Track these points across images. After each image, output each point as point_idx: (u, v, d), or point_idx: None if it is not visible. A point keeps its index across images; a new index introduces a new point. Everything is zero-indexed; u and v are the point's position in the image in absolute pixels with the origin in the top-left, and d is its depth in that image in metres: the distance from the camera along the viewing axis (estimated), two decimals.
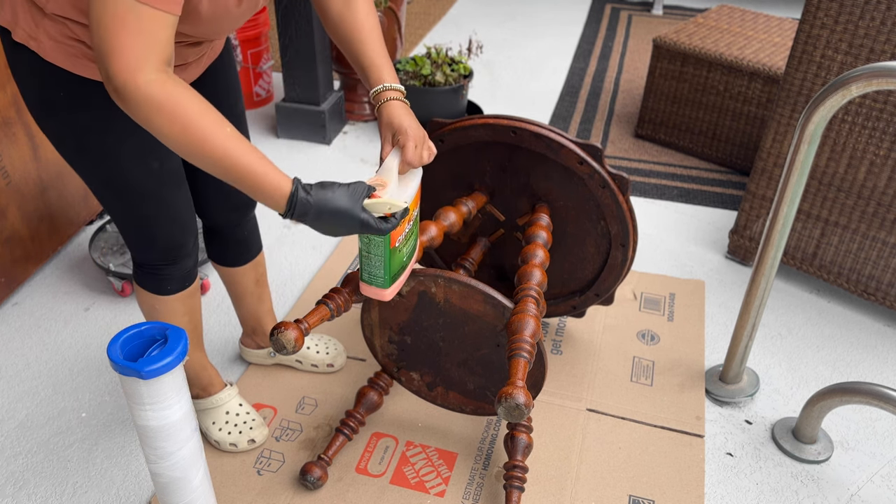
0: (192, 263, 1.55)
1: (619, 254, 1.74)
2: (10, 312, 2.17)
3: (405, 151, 1.31)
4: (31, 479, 1.70)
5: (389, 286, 1.39)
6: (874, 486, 1.71)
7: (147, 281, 1.52)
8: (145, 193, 1.37)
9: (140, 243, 1.46)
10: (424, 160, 1.34)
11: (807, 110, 1.49)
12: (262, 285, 1.85)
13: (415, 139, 1.32)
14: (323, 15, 1.37)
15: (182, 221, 1.46)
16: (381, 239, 1.31)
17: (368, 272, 1.38)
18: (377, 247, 1.32)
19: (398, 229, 1.32)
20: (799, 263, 2.26)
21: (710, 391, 1.92)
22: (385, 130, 1.34)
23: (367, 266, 1.37)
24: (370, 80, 1.35)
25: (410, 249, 1.44)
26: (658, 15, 4.57)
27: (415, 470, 1.72)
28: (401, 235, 1.35)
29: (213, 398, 1.75)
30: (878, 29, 1.84)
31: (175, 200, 1.42)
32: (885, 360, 2.06)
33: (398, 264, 1.39)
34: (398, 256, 1.38)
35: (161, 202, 1.40)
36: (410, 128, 1.32)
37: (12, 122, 2.07)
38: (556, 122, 3.30)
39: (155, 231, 1.43)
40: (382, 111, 1.34)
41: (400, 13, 3.06)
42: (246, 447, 1.73)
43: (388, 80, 1.34)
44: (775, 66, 2.69)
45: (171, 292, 1.53)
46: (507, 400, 1.23)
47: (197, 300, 1.62)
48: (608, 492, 1.67)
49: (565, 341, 2.08)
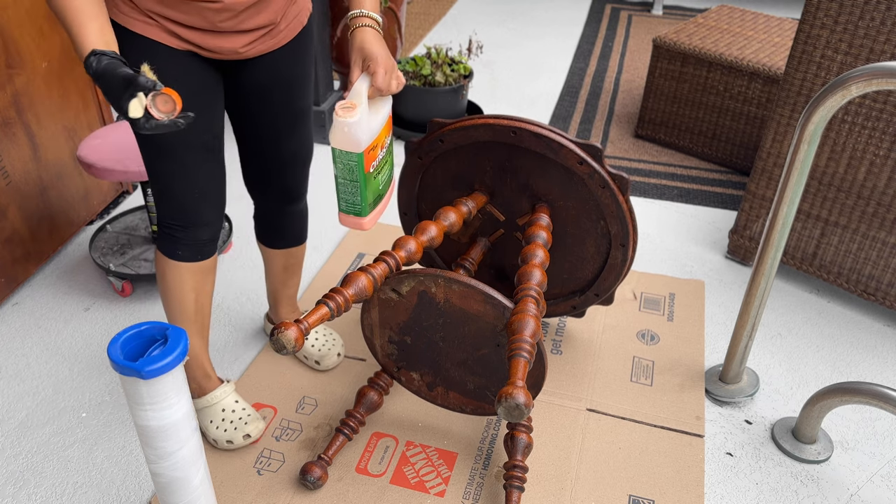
0: (208, 238, 1.57)
1: (619, 254, 1.74)
2: (10, 312, 2.17)
3: (375, 77, 1.36)
4: (31, 479, 1.70)
5: (368, 214, 1.44)
6: (874, 486, 1.71)
7: (162, 242, 1.56)
8: (166, 150, 1.43)
9: (158, 198, 1.51)
10: (393, 89, 1.39)
11: (807, 110, 1.49)
12: (290, 273, 1.90)
13: (385, 66, 1.37)
14: None
15: (201, 189, 1.50)
16: (356, 162, 1.36)
17: (346, 200, 1.44)
18: (352, 171, 1.37)
19: (372, 154, 1.39)
20: (799, 263, 2.26)
21: (710, 391, 1.92)
22: (356, 55, 1.38)
23: (343, 194, 1.43)
24: (351, 5, 1.42)
25: (386, 179, 1.48)
26: (658, 15, 4.57)
27: (415, 470, 1.72)
28: (374, 161, 1.40)
29: (209, 396, 1.75)
30: (878, 29, 1.84)
31: (196, 168, 1.47)
32: (885, 360, 2.06)
33: (374, 191, 1.44)
34: (374, 183, 1.43)
35: (182, 164, 1.45)
36: (381, 55, 1.37)
37: (12, 122, 2.07)
38: (556, 122, 3.30)
39: (172, 188, 1.48)
40: (355, 36, 1.39)
41: (400, 13, 3.06)
42: (242, 443, 1.73)
43: (367, 8, 1.40)
44: (775, 66, 2.69)
45: (180, 258, 1.56)
46: (507, 400, 1.23)
47: (208, 282, 1.63)
48: (608, 492, 1.67)
49: (565, 341, 2.08)
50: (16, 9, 2.02)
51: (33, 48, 2.09)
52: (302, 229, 1.84)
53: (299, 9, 1.50)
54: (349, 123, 1.33)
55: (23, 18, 2.04)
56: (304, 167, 1.70)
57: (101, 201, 2.56)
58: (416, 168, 1.80)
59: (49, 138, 2.22)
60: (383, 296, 1.57)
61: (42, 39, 2.12)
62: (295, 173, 1.69)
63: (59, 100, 2.23)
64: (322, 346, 1.96)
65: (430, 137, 1.72)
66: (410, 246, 1.51)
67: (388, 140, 1.47)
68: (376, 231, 2.52)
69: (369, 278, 1.41)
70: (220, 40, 1.38)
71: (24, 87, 2.09)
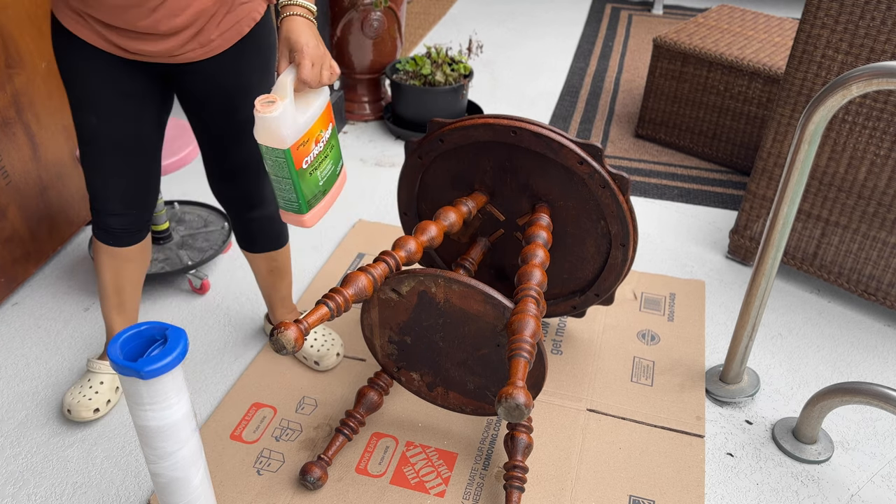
0: (119, 228, 1.62)
1: (619, 254, 1.74)
2: (10, 312, 2.17)
3: (300, 70, 1.29)
4: (31, 479, 1.70)
5: (307, 211, 1.38)
6: (874, 487, 1.71)
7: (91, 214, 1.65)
8: (82, 138, 1.51)
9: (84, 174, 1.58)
10: (324, 80, 1.31)
11: (807, 110, 1.49)
12: (276, 276, 1.89)
13: (312, 58, 1.29)
14: None
15: (103, 179, 1.55)
16: (283, 159, 1.31)
17: (282, 197, 1.40)
18: (281, 168, 1.33)
19: (304, 149, 1.32)
20: (799, 263, 2.26)
21: (711, 391, 1.92)
22: (282, 46, 1.32)
23: (279, 191, 1.39)
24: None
25: (328, 175, 1.42)
26: (658, 15, 4.57)
27: (415, 470, 1.71)
28: (307, 157, 1.34)
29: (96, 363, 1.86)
30: (879, 29, 1.84)
31: (104, 160, 1.51)
32: (886, 360, 2.05)
33: (312, 188, 1.38)
34: (310, 179, 1.37)
35: (93, 154, 1.51)
36: (308, 45, 1.29)
37: (12, 122, 2.07)
38: (556, 122, 3.30)
39: (84, 166, 1.55)
40: (283, 25, 1.32)
41: (400, 13, 3.06)
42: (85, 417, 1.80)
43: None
44: (775, 66, 2.69)
45: (97, 237, 1.66)
46: (507, 400, 1.23)
47: (128, 269, 1.71)
48: (608, 492, 1.67)
49: (565, 341, 2.07)
50: (16, 9, 2.02)
51: (33, 48, 2.09)
52: (276, 233, 1.81)
53: (237, 18, 1.42)
54: (268, 119, 1.27)
55: (22, 18, 2.04)
56: (256, 176, 1.66)
57: None
58: (416, 168, 1.80)
59: (49, 138, 2.22)
60: (383, 296, 1.57)
61: (42, 39, 2.12)
62: (248, 182, 1.66)
63: (58, 99, 2.23)
64: (321, 347, 1.96)
65: (430, 137, 1.72)
66: (410, 246, 1.51)
67: (325, 134, 1.40)
68: (376, 231, 2.52)
69: (369, 278, 1.41)
70: (141, 43, 1.37)
71: (24, 86, 2.09)
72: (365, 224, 2.56)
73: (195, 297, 2.23)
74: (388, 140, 3.12)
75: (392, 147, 3.07)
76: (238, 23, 1.43)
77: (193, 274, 2.22)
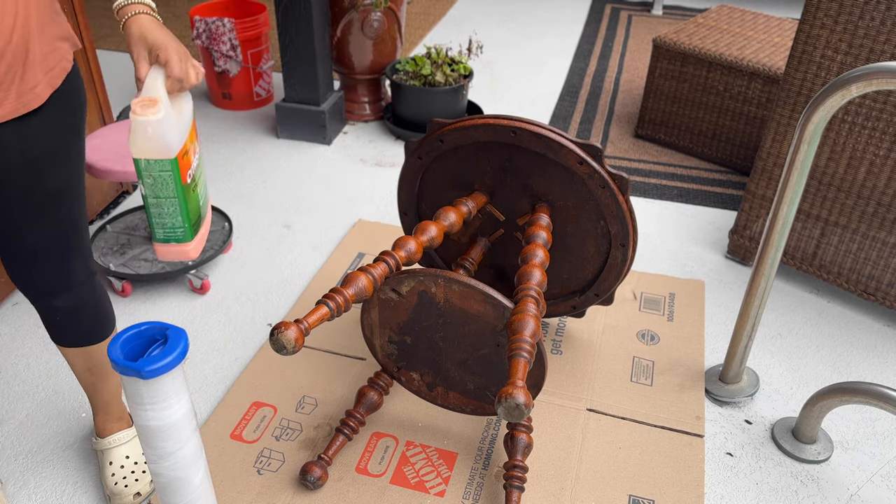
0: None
1: (619, 254, 1.74)
2: (10, 312, 2.17)
3: (170, 66, 1.16)
4: (31, 479, 1.70)
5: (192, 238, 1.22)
6: (874, 486, 1.71)
7: None
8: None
9: None
10: (192, 79, 1.19)
11: (807, 110, 1.49)
12: (98, 376, 1.58)
13: (178, 53, 1.18)
14: None
15: None
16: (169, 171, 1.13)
17: (162, 225, 1.20)
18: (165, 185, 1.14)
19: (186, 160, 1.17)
20: (799, 263, 2.26)
21: (710, 391, 1.92)
22: (138, 47, 1.18)
23: (158, 218, 1.19)
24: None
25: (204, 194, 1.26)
26: (658, 15, 4.57)
27: (415, 470, 1.72)
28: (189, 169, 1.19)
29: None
30: (878, 29, 1.84)
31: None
32: (885, 360, 2.06)
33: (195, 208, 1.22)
34: (193, 197, 1.21)
35: None
36: (168, 42, 1.18)
37: None
38: (556, 122, 3.30)
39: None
40: (131, 26, 1.18)
41: (400, 13, 3.06)
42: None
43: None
44: (775, 66, 2.69)
45: None
46: (507, 400, 1.23)
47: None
48: (608, 492, 1.67)
49: (565, 341, 2.08)
50: None
51: None
52: (93, 324, 1.48)
53: (34, 81, 1.17)
54: (153, 122, 1.09)
55: None
56: (61, 257, 1.35)
57: (101, 201, 2.56)
58: (416, 168, 1.80)
59: None
60: (383, 296, 1.57)
61: None
62: (50, 264, 1.35)
63: None
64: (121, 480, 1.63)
65: (430, 137, 1.72)
66: (410, 246, 1.51)
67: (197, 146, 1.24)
68: (376, 231, 2.52)
69: (369, 278, 1.41)
70: None
71: None
72: (365, 224, 2.57)
73: (195, 297, 2.23)
74: (388, 140, 3.12)
75: (392, 147, 3.07)
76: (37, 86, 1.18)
77: (193, 274, 2.22)
